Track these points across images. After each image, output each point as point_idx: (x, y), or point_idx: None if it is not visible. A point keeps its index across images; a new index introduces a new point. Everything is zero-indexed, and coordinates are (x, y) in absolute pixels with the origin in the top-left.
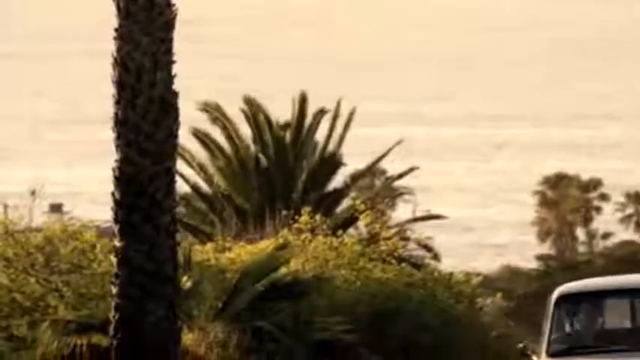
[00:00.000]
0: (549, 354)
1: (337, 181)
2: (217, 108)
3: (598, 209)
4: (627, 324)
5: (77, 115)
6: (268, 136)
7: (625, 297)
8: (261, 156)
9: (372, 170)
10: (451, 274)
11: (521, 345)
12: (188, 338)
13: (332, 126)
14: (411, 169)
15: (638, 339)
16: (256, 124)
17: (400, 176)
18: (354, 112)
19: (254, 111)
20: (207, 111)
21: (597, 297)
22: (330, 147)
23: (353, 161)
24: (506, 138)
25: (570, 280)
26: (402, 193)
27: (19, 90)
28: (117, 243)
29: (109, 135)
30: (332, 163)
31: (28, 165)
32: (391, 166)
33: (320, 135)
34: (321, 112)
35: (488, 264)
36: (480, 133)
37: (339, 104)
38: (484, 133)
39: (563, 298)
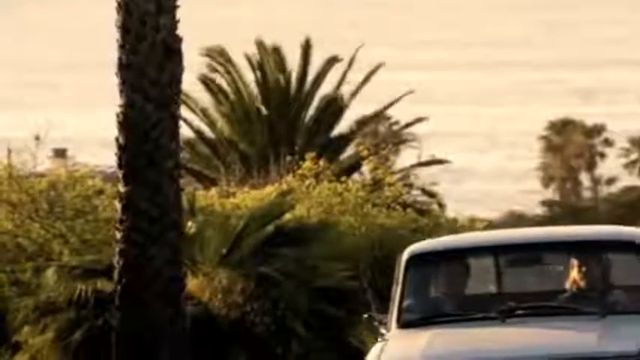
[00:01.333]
0: (400, 324)
1: (343, 127)
2: (222, 53)
3: (602, 155)
4: (492, 288)
5: (81, 59)
6: (272, 81)
7: (488, 256)
8: (261, 106)
9: (378, 117)
10: (456, 219)
11: (366, 315)
12: (192, 284)
13: (344, 73)
14: (419, 120)
15: (503, 306)
16: (261, 69)
17: (407, 126)
18: (355, 58)
19: (262, 55)
20: (211, 56)
21: (455, 257)
22: (340, 94)
23: (362, 108)
24: (512, 83)
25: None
26: (406, 140)
27: (24, 34)
28: (121, 188)
29: (112, 80)
30: (335, 107)
31: (32, 110)
32: (397, 111)
33: (332, 82)
34: (333, 60)
35: (492, 210)
36: (484, 79)
37: (357, 51)
38: (489, 79)
39: (415, 259)
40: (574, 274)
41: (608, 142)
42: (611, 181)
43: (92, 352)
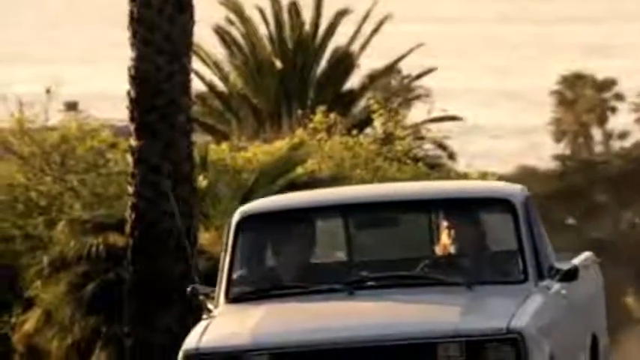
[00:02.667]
0: (229, 299)
1: (354, 81)
2: (236, 5)
3: (613, 109)
4: (341, 255)
5: (91, 13)
6: (286, 34)
7: (336, 218)
8: (275, 59)
9: (389, 70)
10: (467, 174)
11: (189, 288)
12: (204, 238)
13: (359, 27)
14: (429, 70)
15: (352, 276)
16: (276, 22)
17: (418, 77)
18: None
19: (276, 8)
20: (227, 7)
21: (295, 218)
22: (353, 48)
23: (374, 62)
24: (523, 38)
25: (588, 181)
26: (418, 96)
27: None
28: (133, 142)
29: (124, 34)
30: (346, 61)
31: (43, 64)
32: (408, 66)
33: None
34: (343, 13)
35: (504, 165)
36: (495, 31)
37: (374, 5)
38: (501, 32)
39: (247, 222)
40: (444, 238)
41: (619, 97)
42: (623, 135)
43: (104, 305)
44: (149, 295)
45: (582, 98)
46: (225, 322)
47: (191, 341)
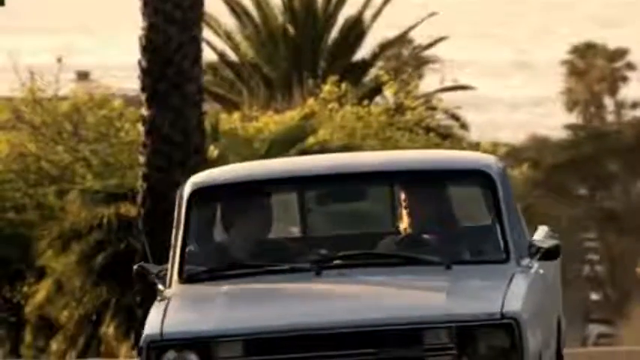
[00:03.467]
0: (182, 278)
1: (366, 51)
2: None
3: (625, 79)
4: (304, 231)
5: None
6: (298, 4)
7: (295, 190)
8: (288, 26)
9: (401, 40)
10: (478, 144)
11: (136, 266)
12: None
13: None
14: (440, 39)
15: (319, 255)
16: None
17: (428, 46)
18: None
19: None
20: None
21: (256, 191)
22: (364, 17)
23: (386, 32)
24: (535, 7)
25: (599, 151)
26: (428, 62)
27: None
28: (144, 112)
29: (135, 3)
30: (358, 30)
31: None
32: (419, 36)
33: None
34: None
35: (515, 134)
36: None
37: None
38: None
39: (201, 194)
40: (407, 213)
41: (631, 66)
42: (634, 105)
43: (115, 275)
44: (161, 265)
45: (594, 68)
46: (185, 305)
47: (153, 326)
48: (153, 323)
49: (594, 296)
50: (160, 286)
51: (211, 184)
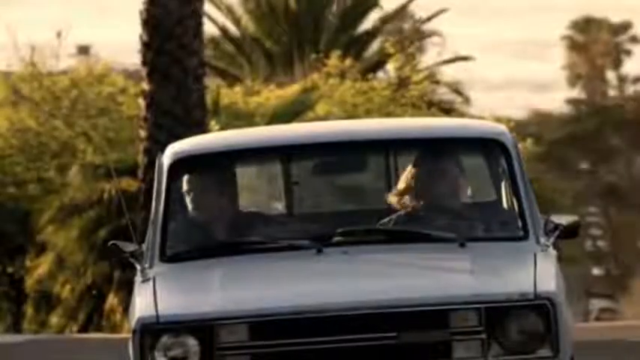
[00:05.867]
0: (165, 257)
1: (366, 24)
2: None
3: (628, 52)
4: (279, 207)
5: None
6: None
7: (276, 162)
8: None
9: (401, 13)
10: (482, 118)
11: (110, 244)
12: None
13: None
14: (440, 11)
15: (319, 231)
16: None
17: (429, 19)
18: None
19: None
20: None
21: (244, 161)
22: None
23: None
24: None
25: (602, 125)
26: (429, 35)
27: None
28: (145, 86)
29: None
30: (359, 5)
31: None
32: (420, 9)
33: None
34: None
35: (517, 109)
36: None
37: None
38: None
39: (183, 165)
40: (405, 182)
41: (635, 40)
42: (638, 79)
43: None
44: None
45: (596, 42)
46: (175, 286)
47: (146, 309)
48: (145, 305)
49: (596, 271)
50: (138, 266)
51: (194, 153)
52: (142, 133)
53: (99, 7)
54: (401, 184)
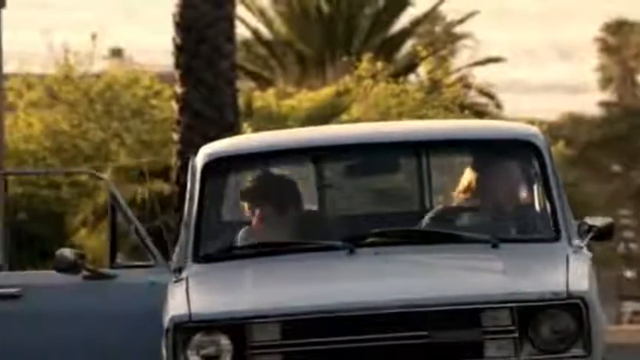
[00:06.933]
0: (198, 258)
1: (397, 27)
2: None
3: None
4: (313, 209)
5: None
6: None
7: (309, 163)
8: (322, 2)
9: (432, 16)
10: (514, 121)
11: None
12: None
13: None
14: (472, 14)
15: (352, 231)
16: None
17: (461, 21)
18: None
19: None
20: None
21: (270, 162)
22: None
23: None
24: None
25: (634, 128)
26: (460, 37)
27: None
28: (178, 89)
29: None
30: (391, 7)
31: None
32: (450, 11)
33: None
34: None
35: (550, 112)
36: None
37: None
38: None
39: (215, 166)
40: (465, 184)
41: None
42: None
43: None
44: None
45: (629, 44)
46: (209, 286)
47: (178, 307)
48: (178, 304)
49: (629, 273)
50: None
51: (227, 154)
52: (175, 136)
53: (131, 10)
54: (462, 184)
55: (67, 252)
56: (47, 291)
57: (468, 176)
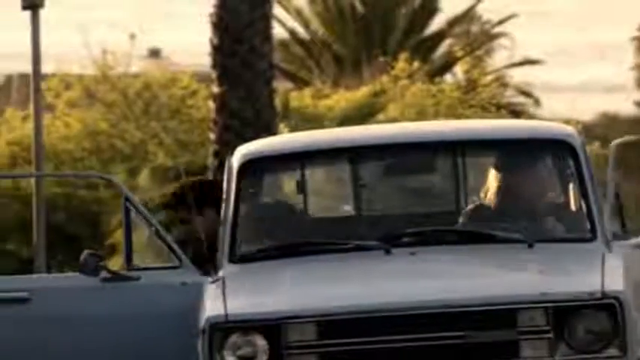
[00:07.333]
0: (234, 258)
1: (434, 27)
2: None
3: None
4: (348, 209)
5: None
6: None
7: (345, 163)
8: (357, 3)
9: (468, 16)
10: (550, 121)
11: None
12: None
13: None
14: (510, 17)
15: (387, 231)
16: None
17: (499, 23)
18: None
19: None
20: None
21: (306, 162)
22: None
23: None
24: None
25: None
26: (497, 36)
27: None
28: (215, 89)
29: None
30: (428, 7)
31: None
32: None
33: None
34: None
35: (585, 112)
36: None
37: None
38: None
39: (251, 166)
40: (491, 186)
41: None
42: None
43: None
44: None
45: None
46: (245, 286)
47: (215, 308)
48: (214, 305)
49: None
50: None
51: (263, 154)
52: (212, 136)
53: (167, 10)
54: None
55: (88, 254)
56: (65, 293)
57: (496, 176)
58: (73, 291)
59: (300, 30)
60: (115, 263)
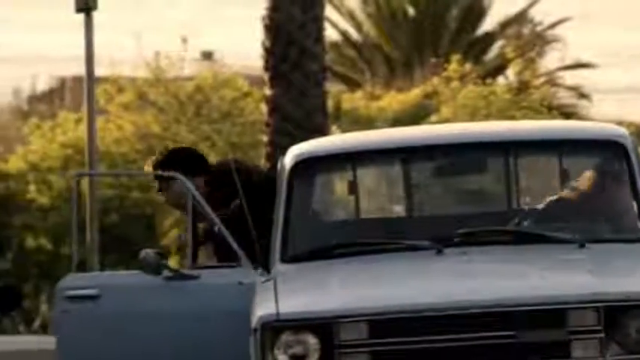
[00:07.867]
0: (286, 258)
1: (486, 28)
2: None
3: None
4: (399, 210)
5: None
6: None
7: (396, 164)
8: (408, 7)
9: (521, 17)
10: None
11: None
12: None
13: None
14: (562, 20)
15: (440, 232)
16: None
17: (551, 26)
18: None
19: None
20: None
21: (358, 163)
22: None
23: (506, 9)
24: None
25: None
26: (549, 41)
27: None
28: (267, 91)
29: None
30: (479, 8)
31: (177, 13)
32: (539, 13)
33: None
34: None
35: (635, 112)
36: None
37: None
38: None
39: (303, 167)
40: (582, 184)
41: None
42: None
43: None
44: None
45: None
46: (296, 285)
47: (267, 307)
48: (266, 304)
49: None
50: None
51: (315, 155)
52: (264, 138)
53: (220, 13)
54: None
55: (149, 252)
56: (133, 291)
57: (587, 175)
58: (140, 289)
59: (352, 32)
60: (170, 263)
